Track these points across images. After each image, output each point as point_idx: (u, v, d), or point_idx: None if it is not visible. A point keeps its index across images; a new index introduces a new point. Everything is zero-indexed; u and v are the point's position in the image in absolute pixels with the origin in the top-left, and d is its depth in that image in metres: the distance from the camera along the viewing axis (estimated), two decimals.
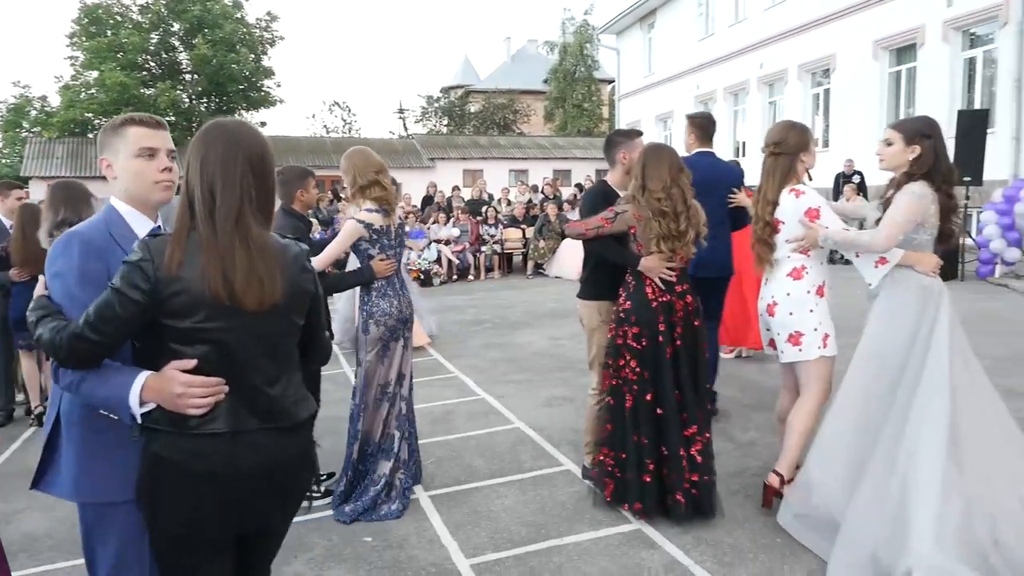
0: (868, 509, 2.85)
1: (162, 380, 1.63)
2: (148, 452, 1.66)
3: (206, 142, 1.71)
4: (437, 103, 44.19)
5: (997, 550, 2.71)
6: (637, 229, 3.45)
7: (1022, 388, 5.32)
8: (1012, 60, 13.29)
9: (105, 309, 1.61)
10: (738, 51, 21.07)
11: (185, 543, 1.71)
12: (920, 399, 2.92)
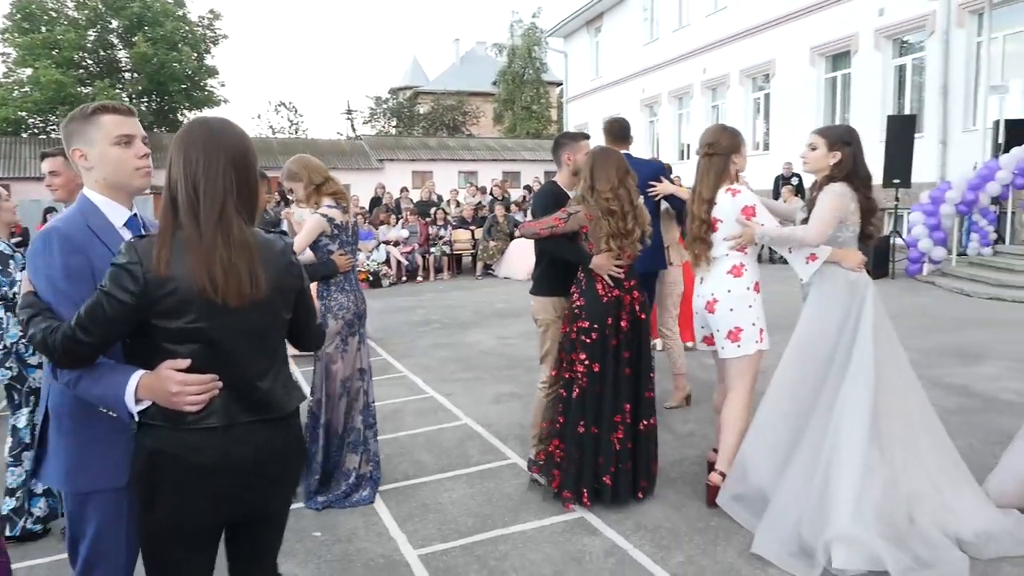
0: (795, 488, 3.06)
1: (157, 379, 1.66)
2: (144, 446, 1.69)
3: (188, 140, 1.72)
4: (386, 104, 43.93)
5: (912, 527, 2.94)
6: (588, 228, 3.59)
7: (946, 379, 5.61)
8: (938, 68, 13.92)
9: (95, 311, 1.63)
10: (682, 56, 21.53)
11: (177, 534, 1.73)
12: (846, 387, 3.12)
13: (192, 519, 1.72)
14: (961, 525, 2.99)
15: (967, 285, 9.81)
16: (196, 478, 1.68)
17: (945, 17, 13.60)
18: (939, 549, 2.86)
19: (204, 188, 1.68)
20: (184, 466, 1.67)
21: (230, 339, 1.71)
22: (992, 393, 5.20)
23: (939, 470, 3.15)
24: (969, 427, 4.46)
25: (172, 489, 1.68)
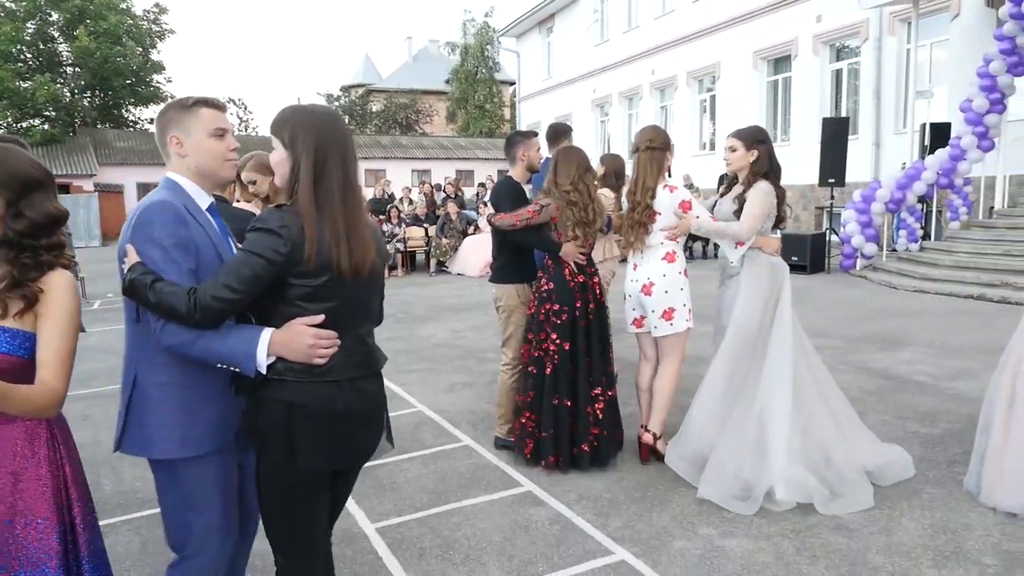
0: (732, 441, 3.55)
1: (291, 334, 1.82)
2: (276, 400, 1.85)
3: (311, 125, 1.88)
4: (338, 102, 43.60)
5: (828, 465, 3.54)
6: (558, 219, 3.97)
7: (868, 363, 6.03)
8: (871, 73, 14.61)
9: (241, 271, 1.79)
10: (631, 57, 22.02)
11: (309, 480, 1.91)
12: (771, 355, 3.64)
13: (324, 464, 1.91)
14: (864, 461, 3.63)
15: (895, 279, 10.39)
16: (328, 426, 1.87)
17: (877, 25, 14.29)
18: (850, 481, 3.48)
19: (332, 169, 1.86)
20: (317, 415, 1.85)
21: (351, 301, 1.92)
22: (907, 375, 5.64)
23: (841, 419, 3.74)
24: (883, 405, 4.86)
25: (309, 437, 1.85)
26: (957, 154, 10.86)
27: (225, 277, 1.79)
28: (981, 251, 10.19)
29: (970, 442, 4.19)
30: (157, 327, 1.83)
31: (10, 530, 1.69)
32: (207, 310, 1.77)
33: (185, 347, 1.83)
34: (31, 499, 1.71)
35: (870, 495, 3.44)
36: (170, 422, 1.92)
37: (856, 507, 3.36)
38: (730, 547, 3.10)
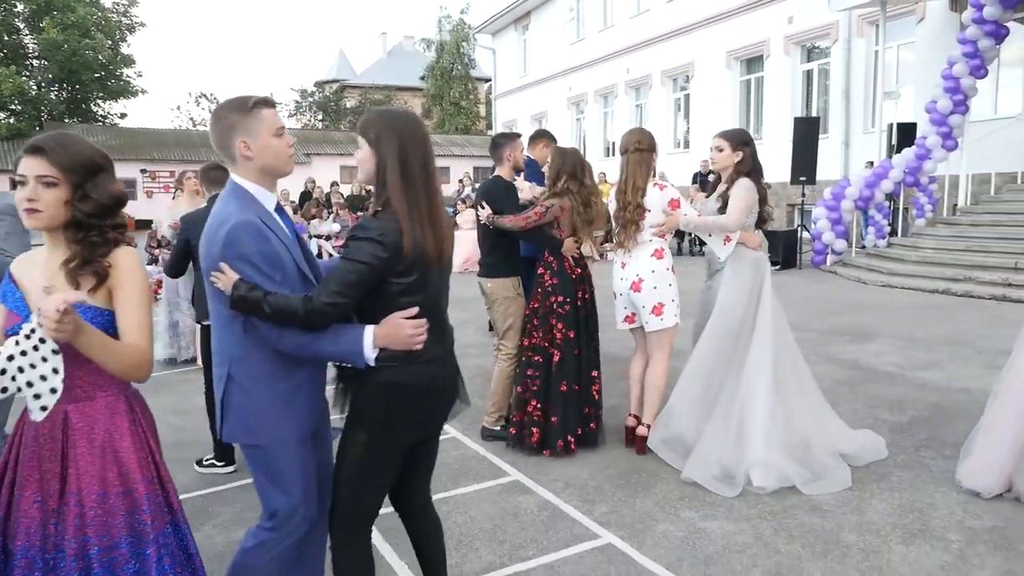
0: (716, 429, 3.76)
1: (391, 327, 2.03)
2: (379, 383, 2.07)
3: (395, 127, 2.08)
4: (311, 97, 43.35)
5: (808, 450, 3.76)
6: (562, 218, 4.16)
7: (839, 355, 6.25)
8: (841, 73, 14.95)
9: (347, 278, 1.98)
10: (607, 56, 22.21)
11: (399, 448, 2.17)
12: (753, 348, 3.82)
13: (414, 433, 2.19)
14: (840, 446, 3.88)
15: (864, 274, 10.68)
16: (419, 401, 2.14)
17: (847, 27, 14.61)
18: (829, 464, 3.72)
19: (417, 171, 2.06)
20: (412, 392, 2.10)
21: (436, 289, 2.17)
22: (876, 366, 5.86)
23: (818, 408, 3.98)
24: (854, 395, 5.06)
25: (404, 412, 2.12)
26: (923, 153, 11.18)
27: (335, 284, 1.98)
28: (945, 247, 10.52)
29: (936, 428, 4.42)
30: (273, 335, 1.99)
31: (103, 502, 1.77)
32: (322, 315, 1.96)
33: (302, 349, 2.02)
34: (120, 471, 1.80)
35: (848, 475, 3.68)
36: (266, 411, 2.07)
37: (837, 487, 3.59)
38: (711, 529, 3.25)
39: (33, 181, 1.73)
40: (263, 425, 2.07)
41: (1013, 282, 8.80)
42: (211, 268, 2.00)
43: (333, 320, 2.00)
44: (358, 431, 2.13)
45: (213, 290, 2.04)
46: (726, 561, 2.97)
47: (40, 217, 1.74)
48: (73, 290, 1.57)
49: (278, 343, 2.01)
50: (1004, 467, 3.38)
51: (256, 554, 2.15)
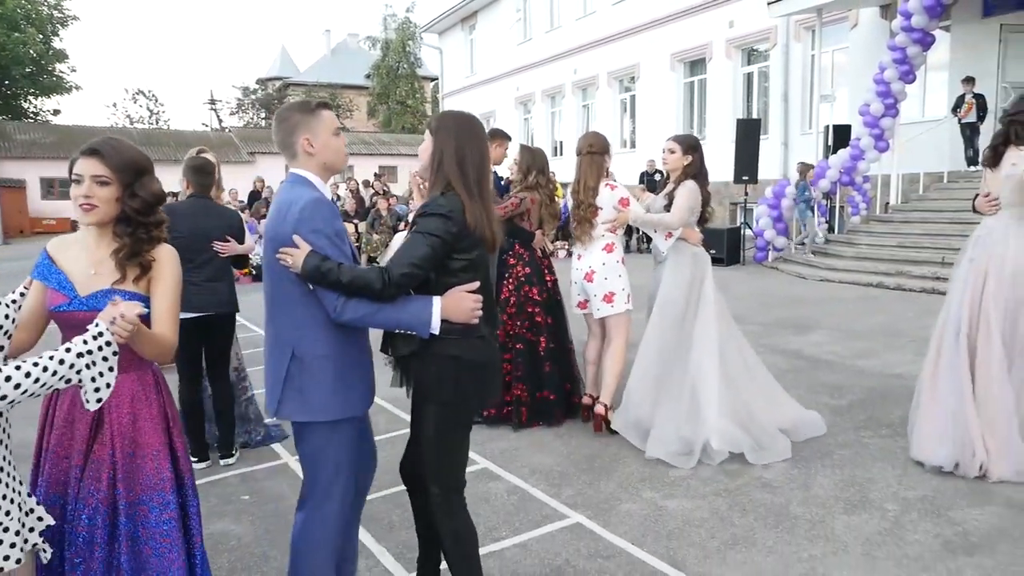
0: (671, 408, 4.08)
1: (455, 300, 2.21)
2: (445, 356, 2.24)
3: (457, 125, 2.35)
4: (254, 95, 42.60)
5: (752, 422, 4.09)
6: (532, 211, 4.51)
7: (782, 345, 6.59)
8: (780, 77, 15.51)
9: (420, 250, 2.17)
10: (554, 56, 22.48)
11: (468, 415, 2.38)
12: (698, 333, 4.16)
13: (481, 404, 2.43)
14: (781, 420, 4.21)
15: (804, 269, 11.17)
16: (481, 374, 2.32)
17: (785, 32, 15.17)
18: (771, 436, 4.06)
19: (475, 165, 2.31)
20: (474, 366, 2.29)
21: (487, 272, 2.35)
22: (817, 355, 6.22)
23: (761, 384, 4.33)
24: (798, 382, 5.37)
25: (471, 383, 2.30)
26: (857, 154, 11.74)
27: (408, 256, 2.16)
28: (879, 243, 11.09)
29: (872, 410, 4.75)
30: (338, 304, 2.11)
31: (132, 461, 1.97)
32: (398, 285, 2.13)
33: (367, 319, 2.16)
34: (146, 435, 1.99)
35: (788, 447, 4.03)
36: (329, 388, 2.20)
37: (778, 457, 3.94)
38: (671, 507, 3.47)
39: (89, 180, 1.90)
40: (321, 402, 2.20)
41: (940, 275, 9.33)
42: (278, 248, 2.13)
43: (406, 290, 2.17)
44: (427, 405, 2.31)
45: (273, 273, 2.18)
46: (686, 535, 3.19)
47: (95, 212, 1.92)
48: (138, 304, 1.79)
49: (341, 314, 2.12)
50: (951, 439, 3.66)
51: (311, 529, 2.30)
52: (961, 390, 3.67)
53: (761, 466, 3.88)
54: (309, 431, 2.25)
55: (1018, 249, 3.67)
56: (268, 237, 2.19)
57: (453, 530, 2.40)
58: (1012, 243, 3.69)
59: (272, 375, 2.24)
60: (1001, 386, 3.63)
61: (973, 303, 3.71)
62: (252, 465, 4.21)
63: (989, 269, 3.71)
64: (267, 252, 2.18)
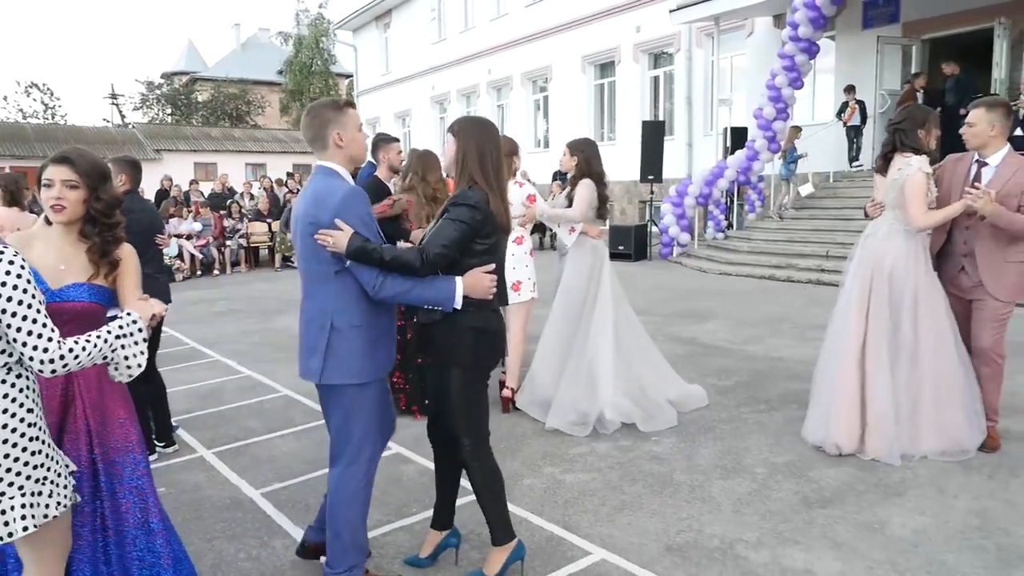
0: (569, 384, 4.48)
1: (475, 279, 2.58)
2: (467, 326, 2.62)
3: (482, 129, 2.73)
4: (159, 90, 41.02)
5: (643, 395, 4.61)
6: (411, 211, 4.72)
7: (680, 334, 7.07)
8: (683, 80, 16.26)
9: (452, 235, 2.53)
10: (469, 56, 22.73)
11: (484, 376, 2.76)
12: (596, 316, 4.58)
13: (491, 365, 2.78)
14: (669, 393, 4.75)
15: (704, 264, 11.83)
16: (493, 341, 2.74)
17: (687, 38, 15.92)
18: (660, 407, 4.58)
19: (493, 161, 2.68)
20: (489, 334, 2.70)
21: (501, 254, 2.74)
22: (711, 342, 6.73)
23: (652, 362, 4.83)
24: (692, 366, 5.82)
25: (487, 349, 2.72)
26: (752, 155, 12.49)
27: (442, 239, 2.54)
28: (772, 239, 11.86)
29: (753, 390, 5.23)
30: (376, 282, 2.48)
31: (104, 428, 2.30)
32: (433, 264, 2.50)
33: (401, 296, 2.53)
34: (113, 406, 2.33)
35: (674, 416, 4.57)
36: (363, 354, 2.56)
37: (665, 425, 4.47)
38: (569, 480, 3.79)
39: (59, 184, 2.18)
40: (356, 366, 2.55)
41: (825, 268, 10.11)
42: (315, 230, 2.44)
43: (436, 268, 2.51)
44: (451, 369, 2.68)
45: (308, 254, 2.51)
46: (580, 503, 3.52)
47: (65, 212, 2.19)
48: (160, 302, 2.21)
49: (379, 291, 2.49)
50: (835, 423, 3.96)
51: (343, 487, 2.62)
52: (846, 378, 3.92)
53: (652, 440, 4.27)
54: (343, 393, 2.58)
55: (896, 249, 3.88)
56: (306, 222, 2.49)
57: (484, 473, 2.76)
58: (891, 244, 3.90)
59: (311, 344, 2.57)
60: (882, 376, 3.84)
61: (861, 299, 3.96)
62: (168, 460, 4.30)
63: (874, 268, 3.93)
64: (305, 236, 2.50)
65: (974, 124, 3.85)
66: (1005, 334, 3.94)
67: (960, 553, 2.96)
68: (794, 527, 3.22)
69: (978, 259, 3.86)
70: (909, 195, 3.77)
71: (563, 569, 2.94)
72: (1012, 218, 3.69)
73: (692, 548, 3.06)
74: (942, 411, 3.84)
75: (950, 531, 3.14)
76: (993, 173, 3.82)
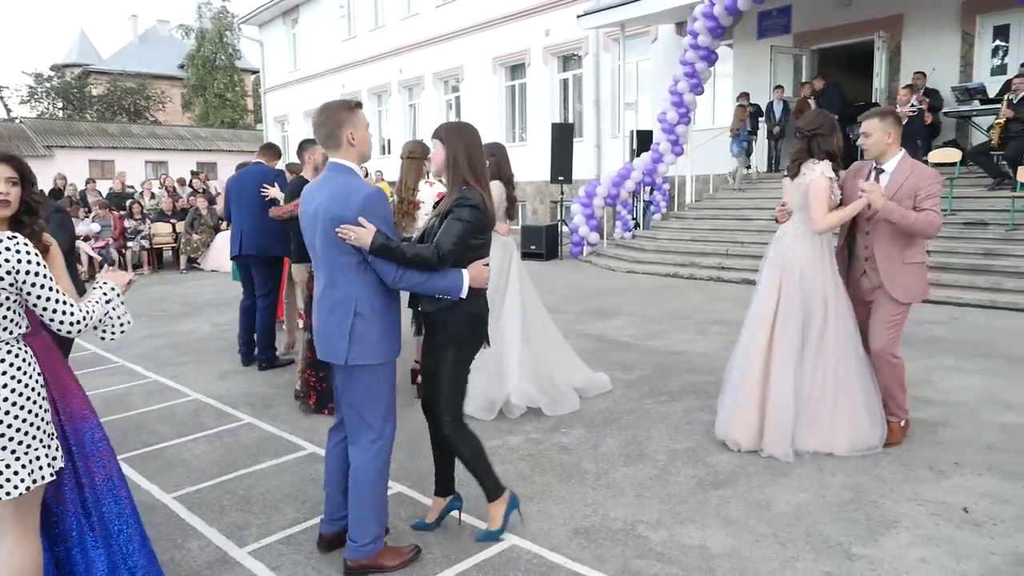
0: (481, 371, 4.53)
1: (477, 270, 2.91)
2: (465, 311, 2.94)
3: (466, 134, 3.00)
4: (49, 83, 38.79)
5: (551, 383, 4.91)
6: None
7: (588, 330, 7.33)
8: (592, 84, 16.69)
9: (460, 232, 2.81)
10: (379, 55, 22.55)
11: (471, 356, 3.08)
12: (505, 310, 4.81)
13: (480, 344, 3.09)
14: (574, 381, 5.10)
15: (613, 262, 12.23)
16: (482, 323, 3.06)
17: (595, 42, 16.35)
18: (565, 394, 4.93)
19: (480, 164, 2.96)
20: (480, 317, 3.03)
21: (489, 246, 3.03)
22: (616, 338, 7.02)
23: (559, 352, 5.12)
24: (598, 361, 6.06)
25: (479, 330, 3.05)
26: (657, 157, 12.99)
27: (452, 236, 2.81)
28: (676, 238, 12.37)
29: (656, 383, 5.51)
30: (396, 275, 2.76)
31: (64, 398, 2.53)
32: (444, 260, 2.79)
33: (418, 286, 2.83)
34: (66, 381, 2.55)
35: (578, 401, 4.95)
36: (382, 337, 2.83)
37: (570, 409, 4.84)
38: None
39: (4, 181, 2.36)
40: (378, 348, 2.82)
41: (725, 265, 10.66)
42: (338, 226, 2.67)
43: (449, 263, 2.81)
44: (450, 348, 2.99)
45: (331, 246, 2.73)
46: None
47: (10, 207, 2.38)
48: (128, 272, 2.60)
49: (398, 283, 2.79)
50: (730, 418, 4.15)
51: (378, 461, 2.89)
52: (750, 377, 4.07)
53: (560, 432, 4.47)
54: (366, 372, 2.82)
55: (804, 251, 3.99)
56: (328, 217, 2.70)
57: (467, 442, 3.10)
58: (798, 245, 4.00)
59: (335, 329, 2.80)
60: (785, 375, 3.95)
61: (771, 299, 4.04)
62: None
63: (783, 269, 4.03)
64: (328, 230, 2.71)
65: (870, 134, 3.97)
66: (899, 336, 4.11)
67: (835, 524, 3.27)
68: (690, 507, 3.47)
69: (878, 262, 3.99)
70: (813, 199, 3.89)
71: (476, 556, 3.08)
72: (903, 213, 3.82)
73: (597, 531, 3.26)
74: (846, 408, 3.96)
75: (827, 504, 3.46)
76: (888, 179, 3.97)
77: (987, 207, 9.46)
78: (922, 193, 3.87)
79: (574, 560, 3.02)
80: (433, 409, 3.10)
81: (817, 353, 3.98)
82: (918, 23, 12.03)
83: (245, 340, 6.39)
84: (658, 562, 2.99)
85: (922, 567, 2.91)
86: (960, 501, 3.45)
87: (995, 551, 3.01)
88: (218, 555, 3.16)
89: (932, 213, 3.86)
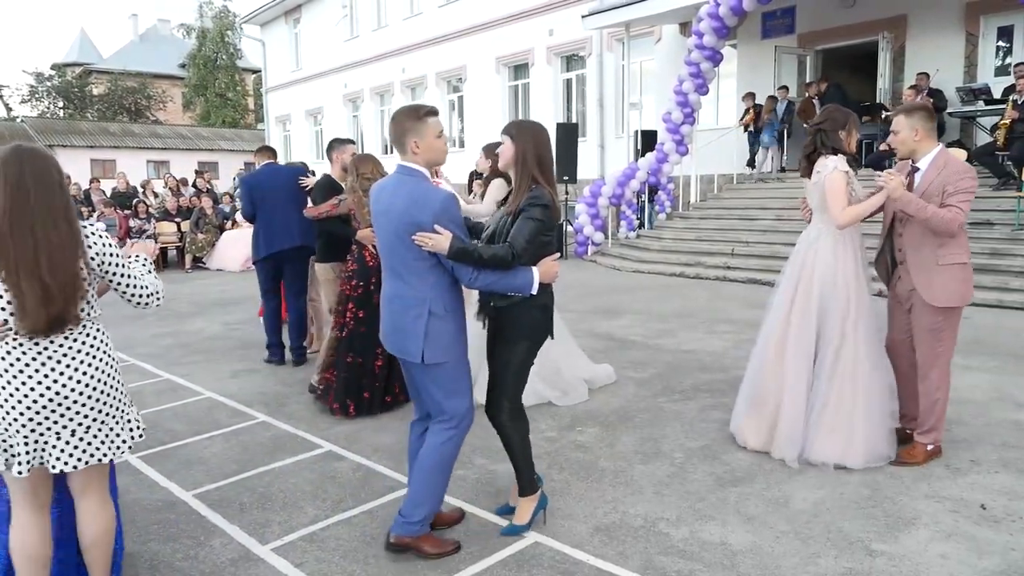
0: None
1: (547, 267, 2.97)
2: (536, 304, 3.02)
3: (536, 132, 3.04)
4: (49, 82, 38.78)
5: (558, 375, 5.01)
6: (356, 211, 4.89)
7: (596, 329, 7.36)
8: (595, 84, 16.71)
9: (532, 231, 2.87)
10: (382, 55, 22.57)
11: (539, 346, 3.16)
12: None
13: (547, 335, 3.17)
14: (581, 372, 5.21)
15: (618, 262, 12.25)
16: (550, 314, 3.13)
17: (599, 42, 16.37)
18: (573, 384, 5.03)
19: (549, 162, 3.02)
20: (548, 308, 3.11)
21: (556, 242, 3.09)
22: (624, 336, 7.05)
23: (566, 346, 5.14)
24: (610, 360, 6.06)
25: (548, 320, 3.12)
26: (661, 157, 13.01)
27: (525, 235, 2.87)
28: (681, 237, 12.40)
29: (668, 381, 5.53)
30: (473, 276, 2.85)
31: None
32: (519, 258, 2.86)
33: (492, 284, 2.91)
34: None
35: (586, 391, 5.09)
36: (455, 336, 2.94)
37: (579, 399, 4.97)
38: (499, 470, 3.95)
39: None
40: (451, 345, 2.93)
41: (730, 265, 10.68)
42: (414, 231, 2.76)
43: (523, 261, 2.88)
44: (522, 341, 3.08)
45: (403, 249, 2.81)
46: (512, 492, 3.68)
47: None
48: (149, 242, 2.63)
49: (475, 282, 2.87)
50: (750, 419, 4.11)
51: (447, 447, 3.01)
52: (764, 379, 4.04)
53: (576, 431, 4.49)
54: (444, 369, 2.93)
55: (825, 254, 3.87)
56: (404, 221, 2.78)
57: (521, 433, 3.20)
58: (819, 247, 3.90)
59: (410, 328, 2.89)
60: (801, 380, 3.89)
61: (788, 303, 3.97)
62: None
63: (801, 272, 3.94)
64: (403, 233, 2.79)
65: (897, 132, 3.82)
66: (947, 348, 3.85)
67: (854, 520, 3.29)
68: (709, 504, 3.49)
69: (910, 264, 3.81)
70: (829, 195, 3.76)
71: (500, 552, 3.10)
72: (920, 206, 3.62)
73: (618, 528, 3.28)
74: (863, 419, 3.81)
75: (845, 501, 3.48)
76: (920, 177, 3.79)
77: (993, 207, 9.49)
78: (950, 188, 3.64)
79: (597, 557, 3.04)
80: (494, 395, 3.18)
81: (836, 359, 3.83)
82: (922, 24, 12.06)
83: (276, 341, 6.44)
84: (681, 559, 3.01)
85: (943, 563, 2.93)
86: (977, 498, 3.48)
87: (1015, 547, 3.03)
88: (241, 552, 3.18)
89: (955, 209, 3.62)
